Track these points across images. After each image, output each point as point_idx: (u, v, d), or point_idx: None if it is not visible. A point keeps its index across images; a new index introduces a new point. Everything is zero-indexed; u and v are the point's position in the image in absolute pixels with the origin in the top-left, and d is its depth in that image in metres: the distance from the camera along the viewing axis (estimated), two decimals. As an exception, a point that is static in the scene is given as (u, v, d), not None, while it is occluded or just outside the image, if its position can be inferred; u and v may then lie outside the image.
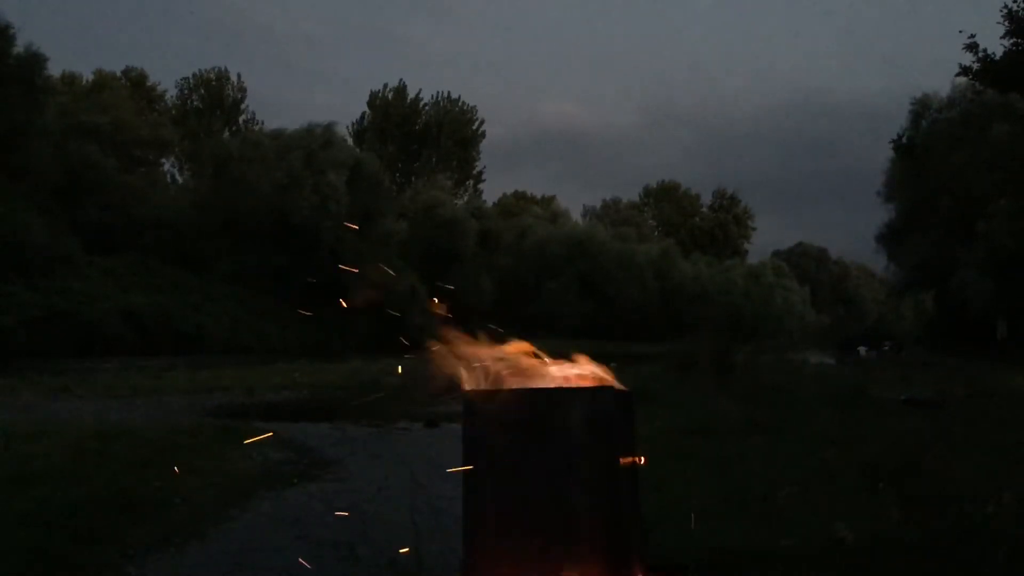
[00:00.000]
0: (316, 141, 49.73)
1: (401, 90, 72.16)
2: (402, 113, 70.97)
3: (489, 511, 2.68)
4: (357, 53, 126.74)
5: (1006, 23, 15.42)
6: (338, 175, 47.75)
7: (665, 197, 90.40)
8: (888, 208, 42.84)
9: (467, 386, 2.87)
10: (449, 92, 74.45)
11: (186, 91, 64.40)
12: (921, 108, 39.83)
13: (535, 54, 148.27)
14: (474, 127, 74.99)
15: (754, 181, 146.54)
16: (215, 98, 64.43)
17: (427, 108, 72.81)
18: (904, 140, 30.07)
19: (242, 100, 65.84)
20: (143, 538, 5.44)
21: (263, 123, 63.54)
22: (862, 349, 39.49)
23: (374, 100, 71.38)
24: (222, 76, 65.19)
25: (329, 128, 51.98)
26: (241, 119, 64.77)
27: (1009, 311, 34.02)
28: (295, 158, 47.90)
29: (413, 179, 68.53)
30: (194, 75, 64.62)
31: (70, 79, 51.23)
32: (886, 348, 39.78)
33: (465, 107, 74.55)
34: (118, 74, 58.41)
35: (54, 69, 42.90)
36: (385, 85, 72.10)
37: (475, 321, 3.24)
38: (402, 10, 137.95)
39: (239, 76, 65.82)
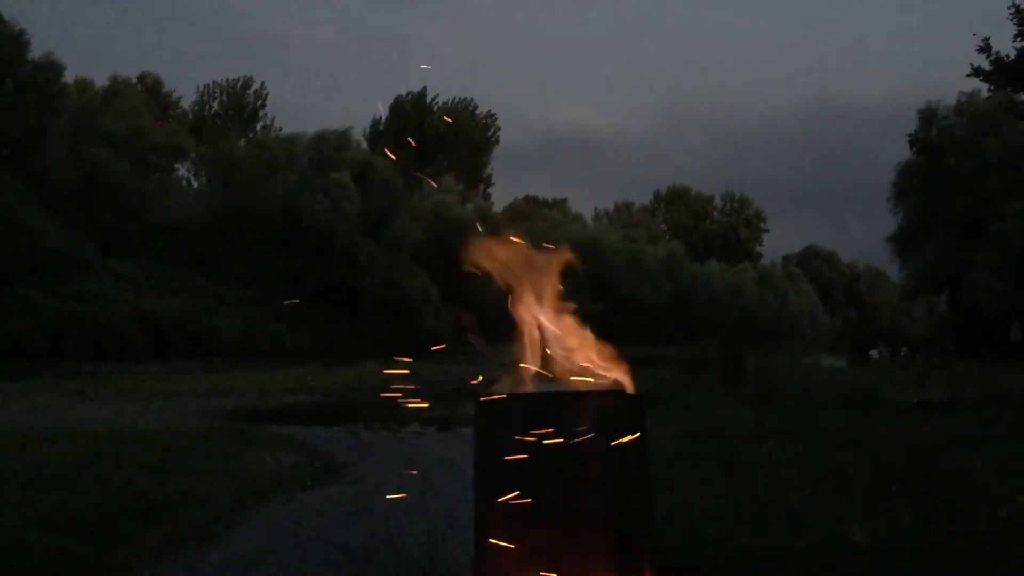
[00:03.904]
0: (328, 146, 49.89)
1: (422, 96, 72.50)
2: (420, 118, 71.31)
3: (500, 514, 2.69)
4: (371, 58, 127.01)
5: (1015, 23, 15.30)
6: (348, 177, 47.82)
7: (676, 201, 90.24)
8: (898, 213, 42.72)
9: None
10: (469, 98, 75.03)
11: (205, 97, 64.73)
12: (928, 116, 39.67)
13: (548, 59, 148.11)
14: (489, 133, 75.39)
15: (767, 185, 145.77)
16: (235, 105, 64.70)
17: (441, 112, 73.09)
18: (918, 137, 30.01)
19: (262, 107, 66.05)
20: (158, 540, 5.49)
21: (281, 129, 63.62)
22: (874, 352, 39.35)
23: (398, 105, 71.69)
24: (247, 84, 65.51)
25: (343, 133, 52.15)
26: (259, 126, 64.91)
27: (1023, 313, 33.79)
28: (304, 161, 48.10)
29: (424, 182, 68.64)
30: (215, 82, 65.09)
31: (83, 85, 51.53)
32: (902, 352, 39.61)
33: (482, 113, 75.20)
34: (133, 80, 58.80)
35: (67, 75, 43.20)
36: (409, 92, 72.51)
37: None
38: (416, 15, 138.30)
39: (263, 84, 66.16)
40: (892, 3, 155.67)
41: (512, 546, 2.64)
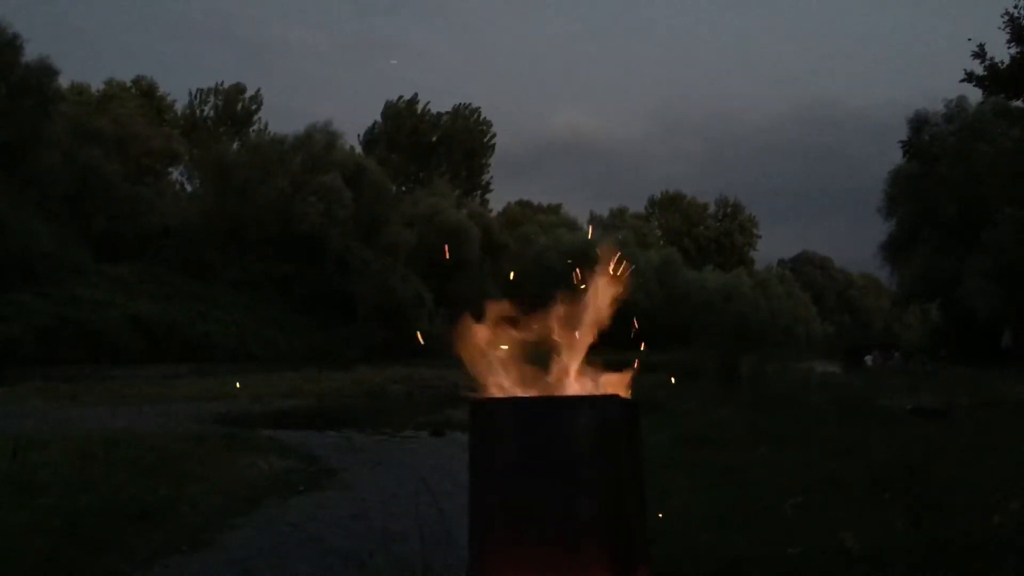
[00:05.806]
0: (317, 145, 49.66)
1: (414, 101, 72.72)
2: (413, 124, 71.42)
3: (495, 519, 2.69)
4: (368, 64, 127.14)
5: (1007, 29, 15.35)
6: (339, 179, 47.59)
7: (671, 207, 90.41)
8: (890, 220, 42.75)
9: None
10: (467, 104, 75.30)
11: (197, 101, 64.68)
12: (920, 122, 39.72)
13: (546, 64, 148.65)
14: (485, 139, 75.48)
15: (761, 191, 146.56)
16: (229, 109, 64.68)
17: (442, 119, 73.38)
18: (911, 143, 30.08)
19: (255, 112, 66.05)
20: (150, 545, 5.46)
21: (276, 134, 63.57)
22: (869, 358, 39.36)
23: (388, 110, 71.76)
24: (239, 89, 65.60)
25: (330, 131, 51.65)
26: (252, 130, 64.86)
27: (1015, 320, 33.84)
28: (296, 163, 47.93)
29: (416, 188, 68.55)
30: (208, 88, 65.14)
31: (79, 89, 51.39)
32: (895, 357, 39.63)
33: (479, 119, 75.29)
34: (128, 84, 58.66)
35: (62, 79, 43.10)
36: (400, 97, 72.62)
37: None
38: (414, 21, 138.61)
39: (258, 90, 66.34)
40: (886, 11, 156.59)
41: (506, 552, 2.64)
